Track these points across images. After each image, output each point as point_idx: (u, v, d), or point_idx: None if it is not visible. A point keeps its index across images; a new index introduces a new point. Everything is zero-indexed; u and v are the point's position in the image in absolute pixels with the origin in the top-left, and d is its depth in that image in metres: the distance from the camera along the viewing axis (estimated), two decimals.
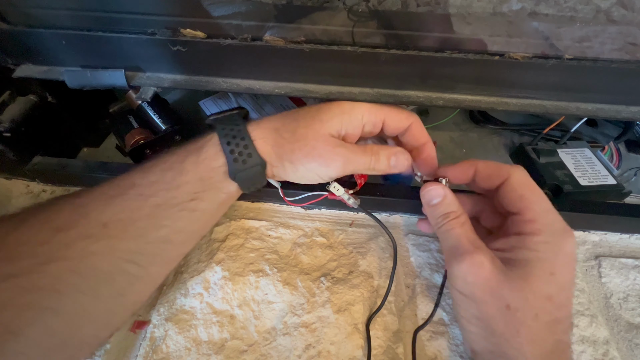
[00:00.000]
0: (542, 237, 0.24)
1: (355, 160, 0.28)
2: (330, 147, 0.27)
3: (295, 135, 0.27)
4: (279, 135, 0.28)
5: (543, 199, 0.26)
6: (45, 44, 0.31)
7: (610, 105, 0.30)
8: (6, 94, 0.37)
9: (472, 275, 0.24)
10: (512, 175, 0.26)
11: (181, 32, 0.29)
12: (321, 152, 0.27)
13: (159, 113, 0.44)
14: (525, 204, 0.26)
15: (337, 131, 0.28)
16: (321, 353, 0.29)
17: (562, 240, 0.24)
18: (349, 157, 0.28)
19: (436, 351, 0.30)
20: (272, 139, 0.28)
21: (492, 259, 0.25)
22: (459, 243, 0.26)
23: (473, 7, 0.25)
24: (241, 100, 0.49)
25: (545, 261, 0.24)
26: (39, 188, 0.41)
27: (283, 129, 0.28)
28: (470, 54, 0.28)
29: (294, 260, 0.35)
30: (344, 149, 0.28)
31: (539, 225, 0.25)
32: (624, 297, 0.34)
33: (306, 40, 0.28)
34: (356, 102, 0.29)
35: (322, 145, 0.27)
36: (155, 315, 0.31)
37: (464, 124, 0.51)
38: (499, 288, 0.24)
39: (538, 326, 0.23)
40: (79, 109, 0.43)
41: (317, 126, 0.27)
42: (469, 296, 0.25)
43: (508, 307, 0.24)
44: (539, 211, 0.25)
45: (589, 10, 0.25)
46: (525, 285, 0.23)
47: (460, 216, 0.27)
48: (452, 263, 0.26)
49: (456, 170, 0.29)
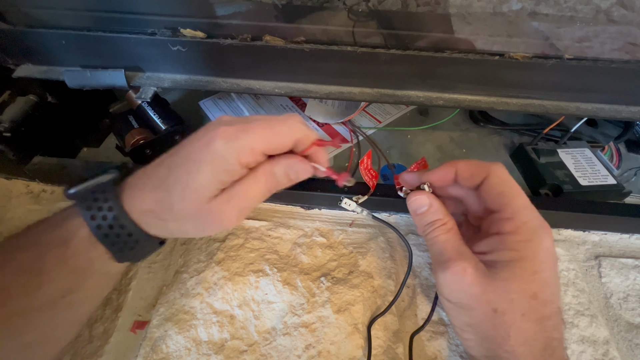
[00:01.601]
0: (520, 236, 0.24)
1: (250, 198, 0.24)
2: (215, 211, 0.23)
3: (174, 213, 0.23)
4: (156, 217, 0.23)
5: (521, 195, 0.26)
6: (45, 44, 0.31)
7: (610, 105, 0.30)
8: (6, 94, 0.37)
9: (456, 283, 0.25)
10: (492, 173, 0.26)
11: (181, 32, 0.29)
12: (211, 218, 0.23)
13: (159, 113, 0.44)
14: (504, 200, 0.26)
15: (218, 189, 0.23)
16: (321, 353, 0.29)
17: (540, 237, 0.24)
18: (241, 203, 0.24)
19: (436, 351, 0.30)
20: (154, 221, 0.24)
21: (476, 264, 0.25)
22: (444, 251, 0.26)
23: (473, 7, 0.26)
24: (242, 100, 0.49)
25: (526, 260, 0.24)
26: (39, 188, 0.41)
27: (157, 208, 0.23)
28: (470, 54, 0.28)
29: (294, 260, 0.35)
30: (234, 200, 0.23)
31: (517, 222, 0.25)
32: (624, 297, 0.34)
33: (306, 40, 0.28)
34: (229, 140, 0.22)
35: (207, 212, 0.23)
36: (155, 315, 0.31)
37: (464, 124, 0.51)
38: (483, 293, 0.24)
39: (527, 326, 0.23)
40: (79, 109, 0.43)
41: (194, 197, 0.22)
42: (457, 304, 0.25)
43: (495, 310, 0.24)
44: (516, 208, 0.25)
45: (589, 10, 0.25)
46: (509, 287, 0.23)
47: (447, 223, 0.27)
48: (437, 271, 0.26)
49: (437, 175, 0.29)
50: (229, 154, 0.22)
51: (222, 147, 0.22)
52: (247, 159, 0.23)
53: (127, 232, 0.23)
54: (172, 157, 0.24)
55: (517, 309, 0.23)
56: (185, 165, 0.23)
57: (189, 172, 0.22)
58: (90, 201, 0.22)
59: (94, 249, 0.23)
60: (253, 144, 0.22)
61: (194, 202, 0.22)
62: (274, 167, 0.24)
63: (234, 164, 0.22)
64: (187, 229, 0.24)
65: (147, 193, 0.23)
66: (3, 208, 0.39)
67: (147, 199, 0.23)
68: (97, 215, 0.22)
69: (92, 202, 0.22)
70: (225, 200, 0.23)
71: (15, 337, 0.21)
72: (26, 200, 0.40)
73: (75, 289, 0.23)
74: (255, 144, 0.23)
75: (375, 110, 0.51)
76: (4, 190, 0.40)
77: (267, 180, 0.24)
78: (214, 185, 0.23)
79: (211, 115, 0.47)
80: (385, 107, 0.52)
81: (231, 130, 0.22)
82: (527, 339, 0.23)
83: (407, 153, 0.46)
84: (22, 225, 0.24)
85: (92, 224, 0.22)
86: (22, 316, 0.21)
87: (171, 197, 0.22)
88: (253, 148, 0.22)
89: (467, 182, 0.28)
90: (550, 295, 0.24)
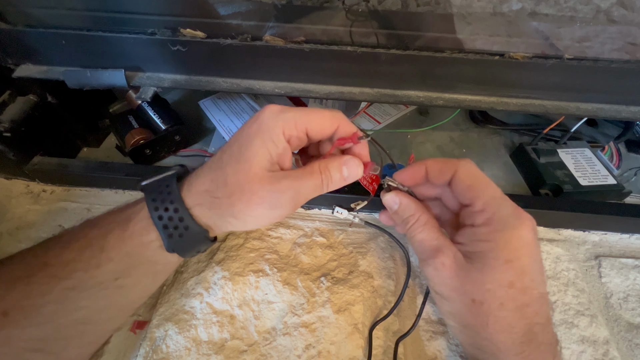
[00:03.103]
0: (492, 227, 0.25)
1: (305, 187, 0.25)
2: (270, 185, 0.24)
3: (227, 188, 0.24)
4: (211, 196, 0.24)
5: (491, 186, 0.26)
6: (45, 44, 0.31)
7: (610, 105, 0.30)
8: (6, 94, 0.37)
9: (437, 277, 0.26)
10: (460, 168, 0.26)
11: (181, 32, 0.29)
12: (263, 194, 0.24)
13: (159, 113, 0.44)
14: (474, 193, 0.26)
15: (269, 162, 0.24)
16: (321, 353, 0.29)
17: (512, 226, 0.24)
18: (297, 188, 0.24)
19: (436, 351, 0.30)
20: (208, 203, 0.25)
21: (454, 256, 0.25)
22: (423, 247, 0.27)
23: (473, 7, 0.26)
24: (242, 101, 0.49)
25: (498, 250, 0.24)
26: (39, 188, 0.41)
27: (213, 186, 0.24)
28: (470, 54, 0.28)
29: (294, 260, 0.35)
30: (288, 180, 0.24)
31: (488, 214, 0.25)
32: (624, 297, 0.34)
33: (306, 40, 0.28)
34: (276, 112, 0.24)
35: (260, 187, 0.24)
36: (155, 315, 0.31)
37: (464, 124, 0.51)
38: (461, 284, 0.25)
39: (505, 314, 0.24)
40: (79, 109, 0.43)
41: (246, 167, 0.24)
42: (441, 295, 0.26)
43: (473, 301, 0.24)
44: (487, 200, 0.25)
45: (589, 10, 0.25)
46: (485, 277, 0.24)
47: (420, 218, 0.27)
48: (421, 267, 0.27)
49: (407, 174, 0.29)
50: (274, 124, 0.24)
51: (268, 118, 0.24)
52: (290, 131, 0.24)
53: (179, 217, 0.24)
54: (226, 144, 0.26)
55: (495, 298, 0.24)
56: (238, 141, 0.25)
57: (241, 145, 0.24)
58: (155, 190, 0.25)
59: (147, 234, 0.24)
60: (297, 117, 0.25)
61: (247, 173, 0.24)
62: (329, 164, 0.26)
63: (278, 133, 0.24)
64: (238, 208, 0.24)
65: (203, 177, 0.25)
66: (3, 208, 0.39)
67: (204, 181, 0.25)
68: (158, 198, 0.24)
69: (157, 191, 0.25)
70: (282, 176, 0.24)
71: (70, 312, 0.23)
72: (26, 200, 0.40)
73: (125, 274, 0.24)
74: (299, 119, 0.25)
75: (375, 111, 0.51)
76: (4, 190, 0.40)
77: (324, 176, 0.26)
78: (264, 156, 0.24)
79: (211, 115, 0.47)
80: (385, 108, 0.52)
81: (278, 107, 0.25)
82: (505, 326, 0.24)
83: (407, 153, 0.46)
84: (22, 225, 0.24)
85: (151, 206, 0.24)
86: (79, 291, 0.23)
87: (225, 172, 0.24)
88: (296, 121, 0.24)
89: (437, 179, 0.28)
90: (529, 282, 0.24)
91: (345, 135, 0.26)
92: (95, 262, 0.23)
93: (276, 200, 0.24)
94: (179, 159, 0.45)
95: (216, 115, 0.47)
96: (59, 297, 0.22)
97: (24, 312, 0.22)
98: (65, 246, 0.24)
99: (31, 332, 0.22)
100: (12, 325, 0.21)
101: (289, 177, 0.24)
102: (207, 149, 0.46)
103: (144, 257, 0.25)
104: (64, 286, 0.23)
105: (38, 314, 0.22)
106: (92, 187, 0.41)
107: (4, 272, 0.23)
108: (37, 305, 0.22)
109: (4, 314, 0.21)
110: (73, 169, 0.39)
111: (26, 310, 0.22)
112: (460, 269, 0.25)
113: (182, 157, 0.45)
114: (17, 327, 0.22)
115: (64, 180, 0.41)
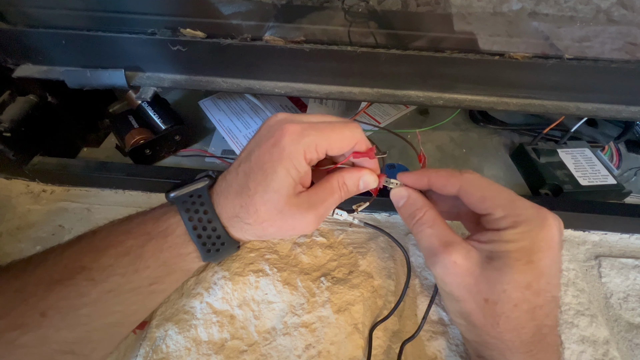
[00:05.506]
0: (520, 229, 0.24)
1: (327, 207, 0.27)
2: (300, 214, 0.25)
3: (258, 216, 0.25)
4: (243, 222, 0.26)
5: (503, 191, 0.26)
6: (45, 44, 0.31)
7: (610, 105, 0.30)
8: (6, 94, 0.37)
9: (447, 275, 0.25)
10: (463, 183, 0.26)
11: (181, 32, 0.29)
12: (292, 223, 0.25)
13: (159, 113, 0.44)
14: (489, 203, 0.25)
15: (293, 188, 0.25)
16: (321, 353, 0.29)
17: (538, 226, 0.24)
18: (321, 210, 0.26)
19: (436, 351, 0.30)
20: (239, 226, 0.26)
21: (467, 254, 0.25)
22: (431, 244, 0.26)
23: (473, 7, 0.26)
24: (242, 101, 0.49)
25: (521, 250, 0.24)
26: (39, 188, 0.41)
27: (243, 213, 0.25)
28: (470, 54, 0.28)
29: (293, 260, 0.35)
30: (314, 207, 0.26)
31: (513, 217, 0.24)
32: (624, 297, 0.34)
33: (306, 40, 0.28)
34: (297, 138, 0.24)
35: (290, 216, 0.25)
36: (155, 315, 0.31)
37: (464, 124, 0.51)
38: (475, 284, 0.24)
39: (517, 315, 0.23)
40: (79, 109, 0.43)
41: (275, 197, 0.24)
42: (449, 294, 0.26)
43: (487, 300, 0.24)
44: (505, 204, 0.25)
45: (589, 10, 0.25)
46: (503, 277, 0.23)
47: (427, 213, 0.27)
48: (429, 265, 0.27)
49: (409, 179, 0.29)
50: (296, 150, 0.24)
51: (289, 145, 0.24)
52: (311, 155, 0.25)
53: (217, 235, 0.26)
54: (245, 162, 0.26)
55: (510, 299, 0.23)
56: (262, 169, 0.24)
57: (266, 174, 0.24)
58: (188, 204, 0.25)
59: (185, 247, 0.25)
60: (318, 141, 0.24)
61: (277, 203, 0.24)
62: (347, 180, 0.27)
63: (300, 160, 0.24)
64: (270, 231, 0.26)
65: (232, 200, 0.25)
66: (3, 208, 0.39)
67: (233, 205, 0.25)
68: (194, 217, 0.25)
69: (191, 206, 0.25)
70: (306, 202, 0.26)
71: (104, 316, 0.24)
72: (26, 200, 0.40)
73: (160, 281, 0.25)
74: (320, 142, 0.25)
75: (375, 111, 0.51)
76: (4, 190, 0.40)
77: (342, 190, 0.27)
78: (290, 183, 0.25)
79: (211, 115, 0.47)
80: (385, 108, 0.52)
81: (297, 129, 0.24)
82: (515, 326, 0.23)
83: (407, 153, 0.46)
84: (22, 225, 0.24)
85: (189, 225, 0.25)
86: (114, 295, 0.24)
87: (254, 202, 0.25)
88: (317, 145, 0.25)
89: (443, 191, 0.27)
90: (545, 284, 0.24)
91: (360, 150, 0.27)
92: (132, 269, 0.24)
93: (305, 225, 0.26)
94: (179, 159, 0.45)
95: (216, 115, 0.47)
96: (96, 299, 0.23)
97: (61, 314, 0.22)
98: (102, 252, 0.24)
99: (66, 335, 0.22)
100: (48, 326, 0.22)
101: (315, 203, 0.26)
102: (207, 149, 0.46)
103: (178, 266, 0.26)
104: (102, 289, 0.23)
105: (75, 316, 0.23)
106: (92, 187, 0.41)
107: (42, 275, 0.23)
108: (75, 307, 0.23)
109: (42, 315, 0.22)
110: (73, 169, 0.39)
111: (63, 312, 0.22)
112: (474, 267, 0.24)
113: (182, 157, 0.45)
114: (53, 328, 0.22)
115: (64, 180, 0.41)
